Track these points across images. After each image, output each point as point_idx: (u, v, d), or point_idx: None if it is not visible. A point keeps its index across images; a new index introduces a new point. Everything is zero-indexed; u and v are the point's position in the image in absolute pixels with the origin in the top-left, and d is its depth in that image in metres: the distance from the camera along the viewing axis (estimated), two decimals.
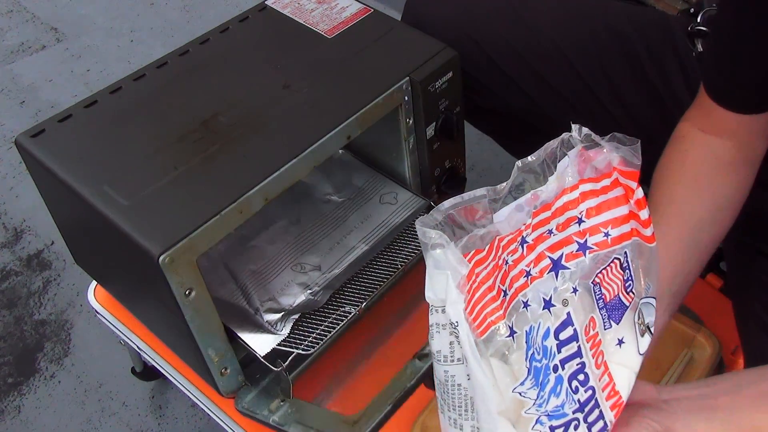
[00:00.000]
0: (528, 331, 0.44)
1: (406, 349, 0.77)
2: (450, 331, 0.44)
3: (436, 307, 0.44)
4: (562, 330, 0.44)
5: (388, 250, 0.81)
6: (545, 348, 0.44)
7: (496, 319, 0.43)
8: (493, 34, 0.86)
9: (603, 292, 0.45)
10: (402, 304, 0.83)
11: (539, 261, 0.44)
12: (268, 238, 0.83)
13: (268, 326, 0.73)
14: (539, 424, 0.44)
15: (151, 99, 0.73)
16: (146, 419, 1.11)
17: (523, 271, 0.44)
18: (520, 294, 0.43)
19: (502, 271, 0.43)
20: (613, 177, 0.45)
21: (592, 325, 0.45)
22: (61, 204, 0.74)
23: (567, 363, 0.44)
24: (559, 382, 0.44)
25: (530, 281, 0.43)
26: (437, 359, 0.45)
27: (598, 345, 0.45)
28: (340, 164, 0.90)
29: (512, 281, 0.43)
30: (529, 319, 0.44)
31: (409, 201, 0.83)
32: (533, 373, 0.44)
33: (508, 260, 0.43)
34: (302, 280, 0.77)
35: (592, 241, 0.44)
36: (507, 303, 0.43)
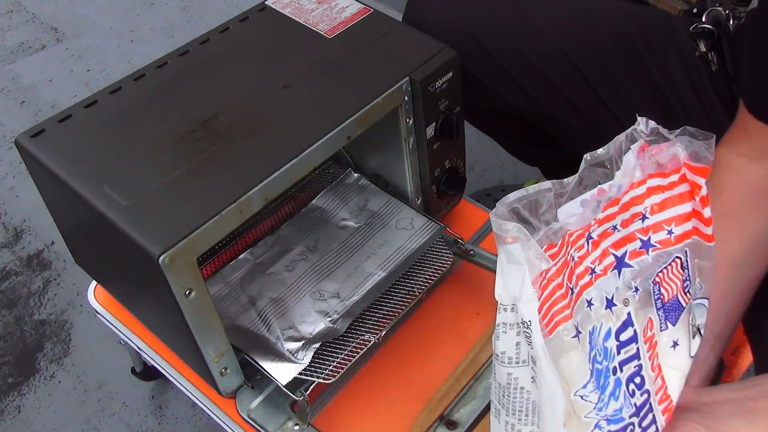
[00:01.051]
0: (591, 331, 0.42)
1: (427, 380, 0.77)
2: (518, 331, 0.42)
3: (506, 305, 0.42)
4: (622, 331, 0.43)
5: (406, 276, 0.81)
6: (606, 349, 0.43)
7: (564, 319, 0.42)
8: (495, 33, 0.86)
9: (662, 292, 0.44)
10: (421, 333, 0.83)
11: (603, 258, 0.42)
12: (287, 265, 0.83)
13: (289, 355, 0.72)
14: (597, 429, 0.43)
15: (151, 99, 0.73)
16: (146, 419, 1.11)
17: (588, 268, 0.42)
18: (585, 292, 0.42)
19: (569, 268, 0.42)
20: (681, 173, 0.44)
21: (650, 326, 0.44)
22: (61, 204, 0.74)
23: (625, 365, 0.43)
24: (618, 385, 0.43)
25: (594, 279, 0.42)
26: (501, 361, 0.43)
27: (654, 347, 0.44)
28: (355, 189, 0.90)
29: (578, 278, 0.42)
30: (592, 318, 0.42)
31: (425, 226, 0.84)
32: (595, 376, 0.42)
33: (575, 256, 0.42)
34: (321, 308, 0.77)
35: (655, 239, 0.43)
36: (573, 301, 0.42)
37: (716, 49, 0.76)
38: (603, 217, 0.43)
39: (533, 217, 0.43)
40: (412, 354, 0.81)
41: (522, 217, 0.43)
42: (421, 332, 0.83)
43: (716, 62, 0.76)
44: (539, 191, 0.43)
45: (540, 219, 0.44)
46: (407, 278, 0.80)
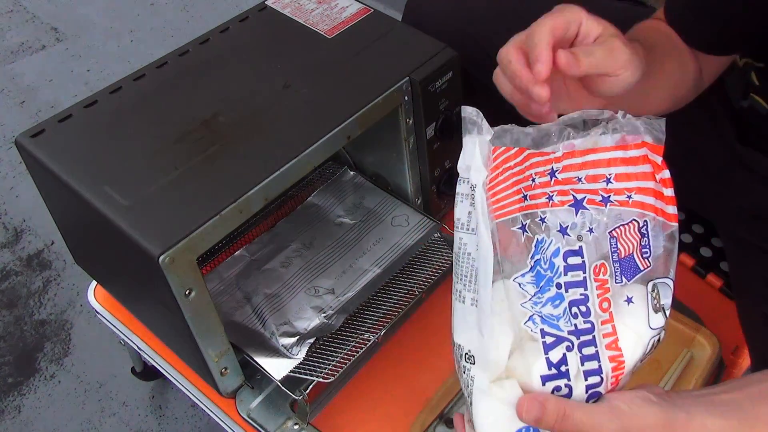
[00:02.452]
0: (540, 240, 0.46)
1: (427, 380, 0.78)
2: (471, 202, 0.47)
3: (463, 177, 0.48)
4: (571, 256, 0.46)
5: (403, 274, 0.81)
6: (552, 263, 0.46)
7: (515, 210, 0.47)
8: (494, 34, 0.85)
9: (619, 246, 0.47)
10: (421, 331, 0.83)
11: (563, 194, 0.47)
12: (282, 261, 0.83)
13: (284, 350, 0.73)
14: (531, 322, 0.46)
15: (151, 99, 0.73)
16: (146, 419, 1.11)
17: (546, 193, 0.47)
18: (540, 209, 0.47)
19: (527, 183, 0.47)
20: (643, 151, 0.48)
21: (603, 270, 0.47)
22: (61, 204, 0.74)
23: (571, 288, 0.46)
24: (560, 298, 0.46)
25: (550, 205, 0.46)
26: (456, 227, 0.48)
27: (606, 291, 0.47)
28: (351, 186, 0.90)
29: (534, 197, 0.47)
30: (542, 231, 0.46)
31: (421, 223, 0.84)
32: (536, 276, 0.46)
33: (535, 179, 0.47)
34: (316, 304, 0.78)
35: (615, 198, 0.47)
36: (525, 207, 0.47)
37: None
38: (566, 165, 0.47)
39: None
40: (412, 354, 0.81)
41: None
42: (421, 332, 0.83)
43: None
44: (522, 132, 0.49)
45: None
46: (407, 277, 0.81)
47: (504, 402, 0.46)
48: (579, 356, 0.46)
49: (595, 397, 0.46)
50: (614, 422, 0.44)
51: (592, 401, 0.46)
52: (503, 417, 0.46)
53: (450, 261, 0.82)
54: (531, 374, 0.46)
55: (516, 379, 0.47)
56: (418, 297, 0.79)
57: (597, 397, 0.46)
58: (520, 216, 0.46)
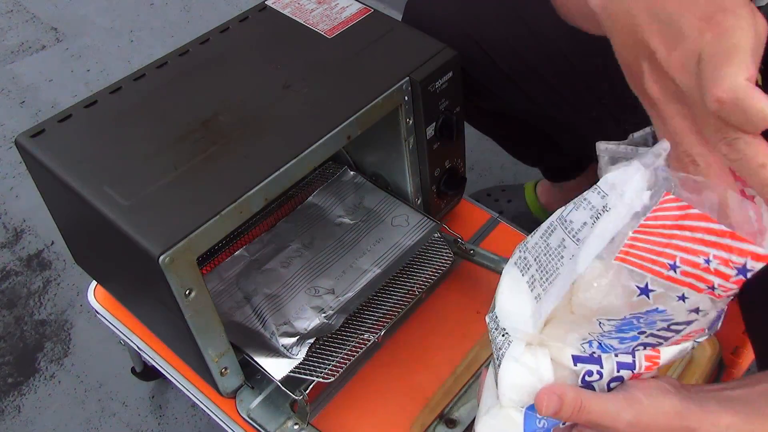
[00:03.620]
0: (659, 309, 0.43)
1: (427, 380, 0.78)
2: (592, 215, 0.43)
3: (603, 190, 0.43)
4: (679, 325, 0.44)
5: (403, 274, 0.81)
6: (653, 322, 0.44)
7: (647, 270, 0.41)
8: (494, 34, 0.86)
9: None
10: (421, 331, 0.83)
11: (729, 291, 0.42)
12: (282, 261, 0.83)
13: (284, 350, 0.73)
14: (588, 344, 0.46)
15: (151, 99, 0.73)
16: (146, 419, 1.11)
17: (711, 282, 0.41)
18: (686, 289, 0.41)
19: (695, 260, 0.40)
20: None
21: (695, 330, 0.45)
22: (61, 204, 0.74)
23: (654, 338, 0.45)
24: (633, 339, 0.45)
25: (706, 293, 0.41)
26: (565, 226, 0.45)
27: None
28: (351, 186, 0.90)
29: (695, 277, 0.41)
30: (669, 306, 0.42)
31: (421, 223, 0.84)
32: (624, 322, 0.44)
33: (711, 263, 0.40)
34: (316, 304, 0.78)
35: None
36: (666, 277, 0.41)
37: None
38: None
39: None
40: (412, 354, 0.81)
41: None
42: (421, 332, 0.83)
43: None
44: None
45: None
46: (407, 277, 0.81)
47: (532, 371, 0.46)
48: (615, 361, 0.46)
49: (617, 381, 0.47)
50: (629, 411, 0.45)
51: (613, 385, 0.47)
52: (528, 385, 0.47)
53: (450, 261, 0.82)
54: (564, 352, 0.46)
55: (548, 350, 0.46)
56: (418, 297, 0.79)
57: (619, 382, 0.47)
58: (649, 278, 0.41)
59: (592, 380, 0.46)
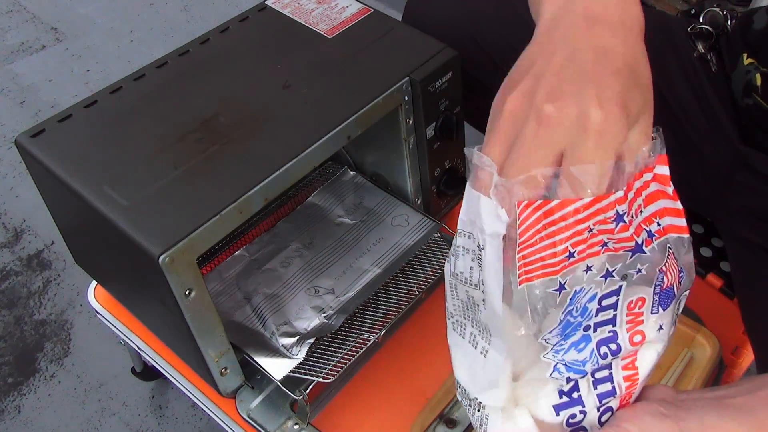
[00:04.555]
0: (578, 290, 0.44)
1: (427, 380, 0.78)
2: (473, 257, 0.44)
3: (465, 231, 0.45)
4: (607, 297, 0.44)
5: (403, 274, 0.81)
6: (585, 308, 0.44)
7: (552, 273, 0.43)
8: (494, 34, 0.86)
9: (664, 279, 0.46)
10: (421, 331, 0.83)
11: (624, 241, 0.43)
12: (282, 261, 0.83)
13: (284, 350, 0.73)
14: (556, 372, 0.44)
15: (151, 99, 0.73)
16: (146, 419, 1.11)
17: (602, 241, 0.43)
18: (588, 260, 0.43)
19: (579, 237, 0.43)
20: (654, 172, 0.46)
21: (640, 304, 0.45)
22: (61, 204, 0.74)
23: (600, 327, 0.45)
24: (586, 340, 0.44)
25: (603, 251, 0.43)
26: (459, 280, 0.46)
27: (638, 323, 0.45)
28: (351, 186, 0.90)
29: (588, 247, 0.43)
30: (583, 281, 0.44)
31: (421, 223, 0.84)
32: (563, 326, 0.44)
33: (593, 228, 0.43)
34: (316, 304, 0.78)
35: (653, 230, 0.45)
36: (569, 264, 0.43)
37: (715, 50, 0.76)
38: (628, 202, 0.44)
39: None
40: (412, 354, 0.81)
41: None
42: (421, 332, 0.83)
43: (715, 63, 0.76)
44: None
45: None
46: (407, 277, 0.81)
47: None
48: (591, 381, 0.45)
49: (608, 412, 0.46)
50: None
51: (604, 417, 0.46)
52: None
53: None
54: (540, 405, 0.45)
55: (526, 408, 0.45)
56: (418, 297, 0.79)
57: (610, 413, 0.46)
58: (559, 277, 0.43)
59: (578, 421, 0.45)
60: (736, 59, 0.71)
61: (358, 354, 0.73)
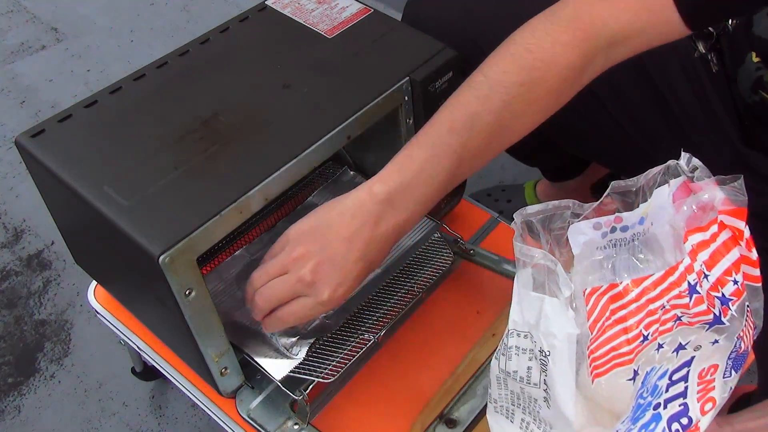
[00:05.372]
0: (649, 371, 0.42)
1: (427, 380, 0.78)
2: (530, 357, 0.42)
3: (520, 331, 0.42)
4: (678, 371, 0.42)
5: (403, 274, 0.81)
6: (656, 387, 0.42)
7: (624, 362, 0.41)
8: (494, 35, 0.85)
9: (741, 345, 0.43)
10: (421, 331, 0.83)
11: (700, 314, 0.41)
12: None
13: (284, 350, 0.73)
14: None
15: (151, 99, 0.73)
16: (146, 419, 1.11)
17: (675, 315, 0.40)
18: (660, 337, 0.41)
19: (654, 317, 0.40)
20: (718, 221, 0.43)
21: (712, 371, 0.42)
22: (61, 204, 0.74)
23: (670, 403, 0.42)
24: (656, 419, 0.42)
25: (676, 326, 0.41)
26: (513, 378, 0.44)
27: (710, 390, 0.42)
28: (352, 186, 0.89)
29: (661, 324, 0.40)
30: (655, 360, 0.42)
31: (421, 223, 0.84)
32: (633, 410, 0.42)
33: (666, 305, 0.40)
34: None
35: (728, 292, 0.42)
36: (642, 348, 0.40)
37: (715, 50, 0.76)
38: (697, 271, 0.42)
39: (544, 231, 0.43)
40: (412, 354, 0.81)
41: (532, 228, 0.43)
42: (421, 332, 0.83)
43: (716, 62, 0.75)
44: (558, 207, 0.43)
45: (550, 233, 0.43)
46: (407, 277, 0.80)
47: None
48: None
49: None
50: None
51: None
52: None
53: (450, 261, 0.82)
54: None
55: None
56: (418, 297, 0.79)
57: None
58: (633, 365, 0.41)
59: None
60: (740, 58, 0.71)
61: (358, 354, 0.73)
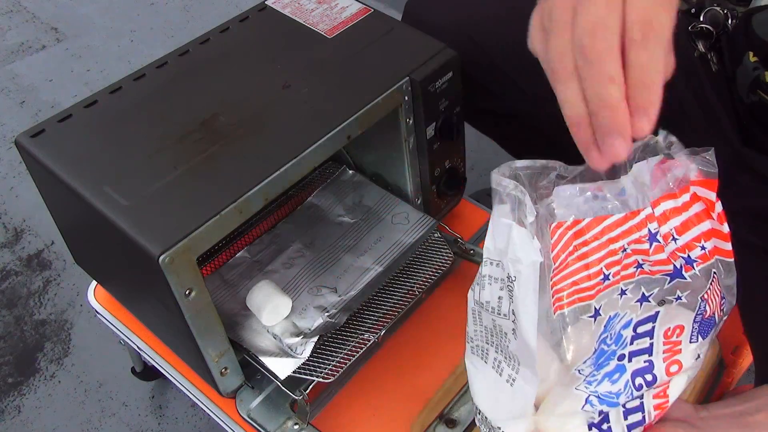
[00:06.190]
0: (612, 316, 0.42)
1: (427, 380, 0.78)
2: (501, 286, 0.42)
3: (493, 259, 0.42)
4: (642, 324, 0.42)
5: (403, 274, 0.81)
6: (620, 336, 0.42)
7: (585, 298, 0.41)
8: (494, 34, 0.86)
9: (707, 308, 0.43)
10: (421, 331, 0.83)
11: (660, 264, 0.41)
12: (284, 262, 0.83)
13: (289, 350, 0.73)
14: (588, 404, 0.43)
15: (151, 99, 0.73)
16: (146, 419, 1.11)
17: (636, 261, 0.41)
18: (623, 282, 0.41)
19: (614, 258, 0.40)
20: (691, 192, 0.43)
21: (678, 332, 0.43)
22: (61, 204, 0.74)
23: (635, 357, 0.43)
24: (620, 370, 0.43)
25: (638, 273, 0.42)
26: (485, 309, 0.44)
27: (676, 353, 0.43)
28: (350, 185, 0.90)
29: (622, 268, 0.41)
30: (618, 306, 0.42)
31: (421, 221, 0.84)
32: (597, 355, 0.42)
33: (627, 248, 0.41)
34: (319, 303, 0.78)
35: (695, 255, 0.42)
36: (603, 287, 0.41)
37: (715, 49, 0.76)
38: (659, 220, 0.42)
39: (530, 187, 0.44)
40: (412, 354, 0.81)
41: (520, 182, 0.44)
42: (421, 332, 0.83)
43: (715, 62, 0.75)
44: (546, 166, 0.44)
45: (536, 191, 0.44)
46: (407, 277, 0.81)
47: None
48: (622, 411, 0.44)
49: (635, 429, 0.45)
50: None
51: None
52: None
53: (450, 261, 0.82)
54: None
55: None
56: (418, 297, 0.79)
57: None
58: (594, 302, 0.41)
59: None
60: (739, 58, 0.71)
61: (358, 354, 0.73)
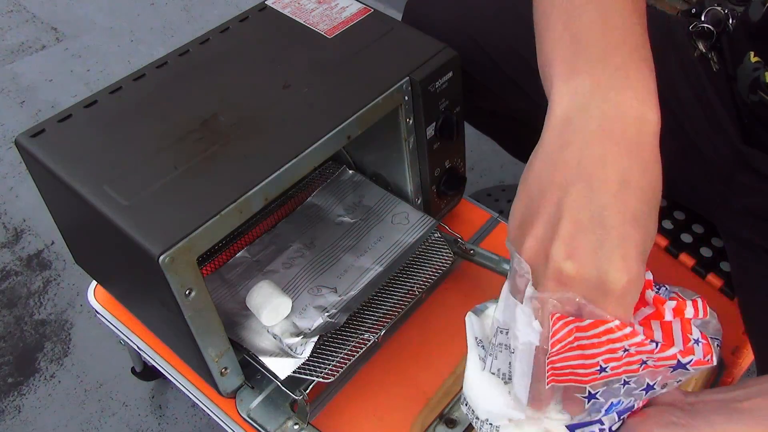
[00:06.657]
0: (615, 403, 0.44)
1: (427, 380, 0.78)
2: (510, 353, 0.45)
3: (503, 329, 0.45)
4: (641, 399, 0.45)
5: (403, 274, 0.81)
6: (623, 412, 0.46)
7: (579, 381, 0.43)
8: (494, 34, 0.86)
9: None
10: (421, 331, 0.83)
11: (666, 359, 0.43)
12: (284, 262, 0.83)
13: (289, 350, 0.73)
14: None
15: (151, 99, 0.73)
16: (146, 419, 1.11)
17: (640, 360, 0.42)
18: (625, 375, 0.43)
19: (615, 355, 0.42)
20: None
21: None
22: (61, 204, 0.74)
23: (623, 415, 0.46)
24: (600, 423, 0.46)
25: (642, 369, 0.43)
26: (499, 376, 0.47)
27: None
28: (350, 185, 0.90)
29: (623, 365, 0.42)
30: (621, 395, 0.44)
31: (421, 221, 0.84)
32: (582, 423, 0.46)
33: (629, 349, 0.42)
34: (319, 303, 0.78)
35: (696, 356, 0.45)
36: (598, 378, 0.43)
37: (716, 49, 0.76)
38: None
39: None
40: (412, 354, 0.81)
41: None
42: (421, 332, 0.83)
43: (716, 62, 0.75)
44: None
45: None
46: (407, 277, 0.81)
47: None
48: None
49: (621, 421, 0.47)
50: None
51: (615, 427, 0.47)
52: None
53: (450, 261, 0.82)
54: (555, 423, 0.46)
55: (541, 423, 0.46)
56: (418, 297, 0.79)
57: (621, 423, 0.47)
58: (589, 387, 0.43)
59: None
60: (740, 57, 0.71)
61: (358, 354, 0.73)
